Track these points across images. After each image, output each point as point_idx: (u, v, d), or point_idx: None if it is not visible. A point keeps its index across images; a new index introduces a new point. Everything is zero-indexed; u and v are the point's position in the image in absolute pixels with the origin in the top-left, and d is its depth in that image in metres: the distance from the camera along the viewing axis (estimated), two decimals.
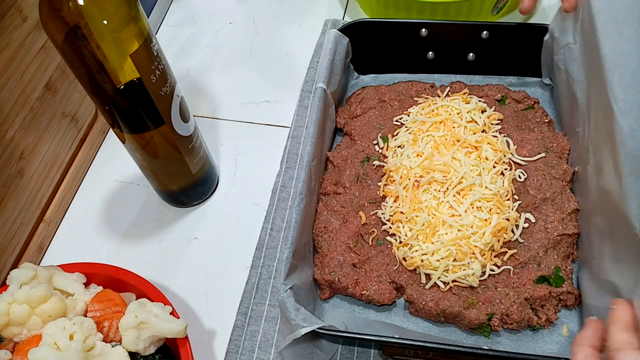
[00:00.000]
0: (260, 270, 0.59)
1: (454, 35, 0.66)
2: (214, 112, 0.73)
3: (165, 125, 0.53)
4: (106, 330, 0.48)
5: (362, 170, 0.61)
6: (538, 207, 0.56)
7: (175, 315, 0.49)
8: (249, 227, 0.62)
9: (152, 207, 0.65)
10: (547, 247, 0.53)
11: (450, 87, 0.66)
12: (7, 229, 0.57)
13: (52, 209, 0.64)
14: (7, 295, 0.46)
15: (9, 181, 0.57)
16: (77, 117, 0.66)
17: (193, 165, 0.60)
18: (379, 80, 0.71)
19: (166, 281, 0.59)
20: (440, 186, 0.56)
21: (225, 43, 0.81)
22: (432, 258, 0.52)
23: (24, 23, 0.56)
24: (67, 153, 0.66)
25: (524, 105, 0.64)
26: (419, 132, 0.61)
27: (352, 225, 0.57)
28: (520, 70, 0.68)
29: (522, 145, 0.60)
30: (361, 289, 0.53)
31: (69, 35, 0.43)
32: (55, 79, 0.62)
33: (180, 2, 0.87)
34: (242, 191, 0.66)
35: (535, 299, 0.51)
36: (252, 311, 0.56)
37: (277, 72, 0.77)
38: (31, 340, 0.46)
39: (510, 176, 0.57)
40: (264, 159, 0.68)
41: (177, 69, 0.64)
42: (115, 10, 0.43)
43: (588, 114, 0.53)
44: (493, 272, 0.53)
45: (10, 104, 0.56)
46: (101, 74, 0.46)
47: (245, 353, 0.54)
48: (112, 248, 0.63)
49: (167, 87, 0.51)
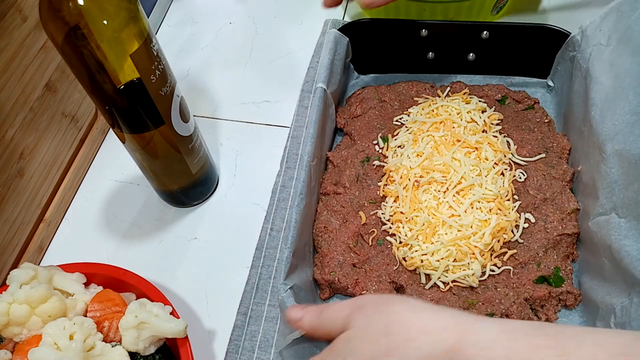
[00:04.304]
0: (260, 270, 0.59)
1: (454, 35, 0.66)
2: (214, 112, 0.73)
3: (165, 125, 0.53)
4: (106, 330, 0.48)
5: (362, 170, 0.61)
6: (538, 207, 0.56)
7: (175, 315, 0.49)
8: (249, 227, 0.62)
9: (152, 207, 0.65)
10: (547, 247, 0.53)
11: (451, 87, 0.66)
12: (7, 229, 0.57)
13: (52, 209, 0.64)
14: (7, 295, 0.46)
15: (9, 181, 0.57)
16: (77, 117, 0.66)
17: (193, 165, 0.60)
18: (379, 80, 0.71)
19: (166, 281, 0.59)
20: (440, 186, 0.56)
21: (225, 43, 0.81)
22: (432, 258, 0.52)
23: (24, 23, 0.56)
24: (67, 153, 0.66)
25: (524, 106, 0.64)
26: (419, 132, 0.61)
27: (352, 225, 0.57)
28: (520, 71, 0.68)
29: (522, 145, 0.60)
30: (361, 289, 0.53)
31: (69, 35, 0.43)
32: (55, 79, 0.62)
33: (180, 2, 0.87)
34: (242, 191, 0.66)
35: (535, 299, 0.51)
36: (252, 311, 0.56)
37: (277, 72, 0.77)
38: (31, 340, 0.46)
39: (510, 176, 0.57)
40: (264, 159, 0.68)
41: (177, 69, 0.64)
42: (115, 10, 0.43)
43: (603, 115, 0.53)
44: (493, 272, 0.53)
45: (10, 104, 0.56)
46: (101, 74, 0.46)
47: (245, 353, 0.54)
48: (112, 248, 0.63)
49: (167, 87, 0.51)
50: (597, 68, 0.56)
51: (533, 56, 0.66)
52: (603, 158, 0.52)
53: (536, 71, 0.67)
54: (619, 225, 0.47)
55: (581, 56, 0.60)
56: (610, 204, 0.50)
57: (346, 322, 0.37)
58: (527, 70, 0.68)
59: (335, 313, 0.39)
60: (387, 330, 0.34)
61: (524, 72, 0.68)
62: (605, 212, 0.50)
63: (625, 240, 0.46)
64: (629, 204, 0.47)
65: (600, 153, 0.52)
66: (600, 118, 0.54)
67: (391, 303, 0.36)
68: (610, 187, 0.50)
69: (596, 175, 0.53)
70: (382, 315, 0.35)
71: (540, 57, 0.65)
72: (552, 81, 0.66)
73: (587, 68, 0.58)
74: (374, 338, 0.34)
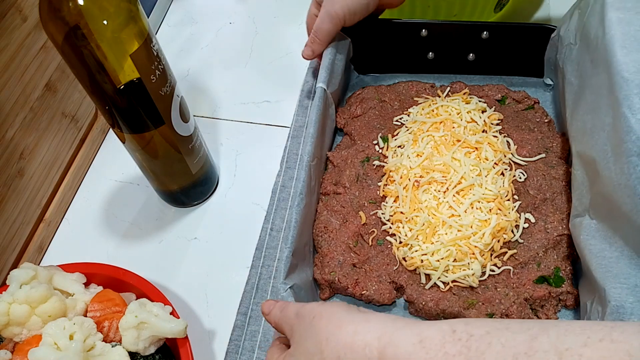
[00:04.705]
0: (260, 270, 0.59)
1: (454, 35, 0.66)
2: (214, 112, 0.73)
3: (165, 125, 0.53)
4: (106, 330, 0.48)
5: (362, 170, 0.61)
6: (538, 208, 0.56)
7: (175, 315, 0.49)
8: (249, 227, 0.62)
9: (152, 207, 0.65)
10: (546, 247, 0.53)
11: (451, 87, 0.66)
12: (7, 229, 0.57)
13: (52, 209, 0.64)
14: (7, 295, 0.46)
15: (9, 181, 0.57)
16: (77, 117, 0.66)
17: (193, 165, 0.60)
18: (379, 80, 0.71)
19: (166, 281, 0.59)
20: (440, 186, 0.56)
21: (225, 43, 0.81)
22: (432, 258, 0.52)
23: (24, 23, 0.56)
24: (67, 153, 0.66)
25: (524, 106, 0.64)
26: (419, 132, 0.61)
27: (352, 225, 0.57)
28: (520, 71, 0.68)
29: (522, 145, 0.60)
30: (361, 289, 0.53)
31: (69, 35, 0.43)
32: (55, 79, 0.62)
33: (180, 2, 0.87)
34: (242, 191, 0.66)
35: (535, 299, 0.51)
36: (252, 311, 0.56)
37: (277, 72, 0.77)
38: (31, 340, 0.46)
39: (510, 176, 0.57)
40: (264, 159, 0.68)
41: (177, 69, 0.65)
42: (115, 10, 0.43)
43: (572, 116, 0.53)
44: (493, 272, 0.53)
45: (10, 104, 0.56)
46: (101, 74, 0.46)
47: (245, 353, 0.54)
48: (112, 248, 0.63)
49: (167, 87, 0.51)
50: (568, 68, 0.57)
51: (533, 56, 0.65)
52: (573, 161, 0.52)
53: (536, 71, 0.67)
54: (589, 226, 0.47)
55: (559, 56, 0.60)
56: (582, 205, 0.50)
57: (290, 333, 0.39)
58: (527, 70, 0.68)
59: (286, 318, 0.40)
60: (319, 348, 0.35)
61: (524, 72, 0.68)
62: (580, 214, 0.50)
63: (591, 240, 0.46)
64: (594, 206, 0.47)
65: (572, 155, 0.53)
66: (570, 119, 0.54)
67: (320, 317, 0.37)
68: (579, 189, 0.50)
69: (572, 177, 0.53)
70: (314, 331, 0.36)
71: (541, 57, 0.65)
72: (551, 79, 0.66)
73: (562, 68, 0.59)
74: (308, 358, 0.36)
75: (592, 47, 0.50)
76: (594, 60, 0.50)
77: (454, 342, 0.31)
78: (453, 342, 0.31)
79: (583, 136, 0.50)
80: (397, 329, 0.34)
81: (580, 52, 0.54)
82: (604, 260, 0.44)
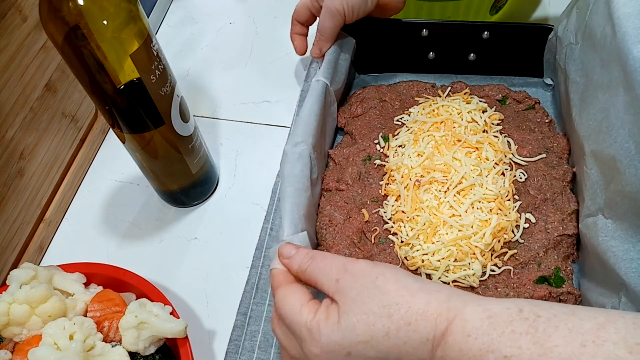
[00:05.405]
0: (260, 270, 0.59)
1: (455, 35, 0.66)
2: (214, 112, 0.73)
3: (165, 125, 0.53)
4: (106, 330, 0.48)
5: (363, 168, 0.61)
6: (538, 208, 0.56)
7: (175, 315, 0.49)
8: (249, 227, 0.62)
9: (152, 207, 0.65)
10: (547, 247, 0.53)
11: (451, 87, 0.66)
12: (7, 229, 0.57)
13: (52, 209, 0.64)
14: (7, 295, 0.46)
15: (9, 181, 0.57)
16: (77, 117, 0.66)
17: (193, 165, 0.60)
18: (380, 79, 0.71)
19: (166, 281, 0.59)
20: (441, 186, 0.56)
21: (225, 43, 0.81)
22: (432, 258, 0.52)
23: (24, 23, 0.56)
24: (67, 153, 0.65)
25: (524, 106, 0.64)
26: (419, 132, 0.61)
27: (355, 222, 0.57)
28: (521, 71, 0.68)
29: (522, 145, 0.60)
30: None
31: (69, 35, 0.43)
32: (55, 79, 0.62)
33: (180, 2, 0.87)
34: (242, 191, 0.66)
35: (536, 299, 0.51)
36: (252, 311, 0.56)
37: (277, 72, 0.77)
38: (31, 340, 0.46)
39: (511, 176, 0.57)
40: (264, 159, 0.68)
41: (177, 69, 0.64)
42: (115, 10, 0.43)
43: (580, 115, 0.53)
44: (493, 272, 0.52)
45: (10, 104, 0.56)
46: (101, 74, 0.46)
47: (245, 353, 0.54)
48: (112, 248, 0.63)
49: (167, 87, 0.51)
50: (572, 68, 0.56)
51: (534, 56, 0.65)
52: (584, 159, 0.52)
53: (537, 71, 0.67)
54: (605, 226, 0.47)
55: (559, 57, 0.60)
56: (595, 205, 0.49)
57: (335, 288, 0.37)
58: (528, 70, 0.68)
59: (325, 270, 0.39)
60: (387, 312, 0.35)
61: (525, 72, 0.68)
62: (593, 214, 0.49)
63: (612, 241, 0.46)
64: (610, 205, 0.47)
65: (582, 154, 0.52)
66: (579, 118, 0.54)
67: (386, 279, 0.36)
68: (593, 188, 0.50)
69: (581, 177, 0.53)
70: (380, 292, 0.36)
71: (541, 57, 0.65)
72: (551, 79, 0.66)
73: (564, 68, 0.58)
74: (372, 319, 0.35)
75: (599, 46, 0.50)
76: (603, 59, 0.49)
77: (521, 321, 0.31)
78: (520, 321, 0.31)
79: (598, 135, 0.49)
80: (465, 303, 0.34)
81: (585, 51, 0.53)
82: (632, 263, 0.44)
